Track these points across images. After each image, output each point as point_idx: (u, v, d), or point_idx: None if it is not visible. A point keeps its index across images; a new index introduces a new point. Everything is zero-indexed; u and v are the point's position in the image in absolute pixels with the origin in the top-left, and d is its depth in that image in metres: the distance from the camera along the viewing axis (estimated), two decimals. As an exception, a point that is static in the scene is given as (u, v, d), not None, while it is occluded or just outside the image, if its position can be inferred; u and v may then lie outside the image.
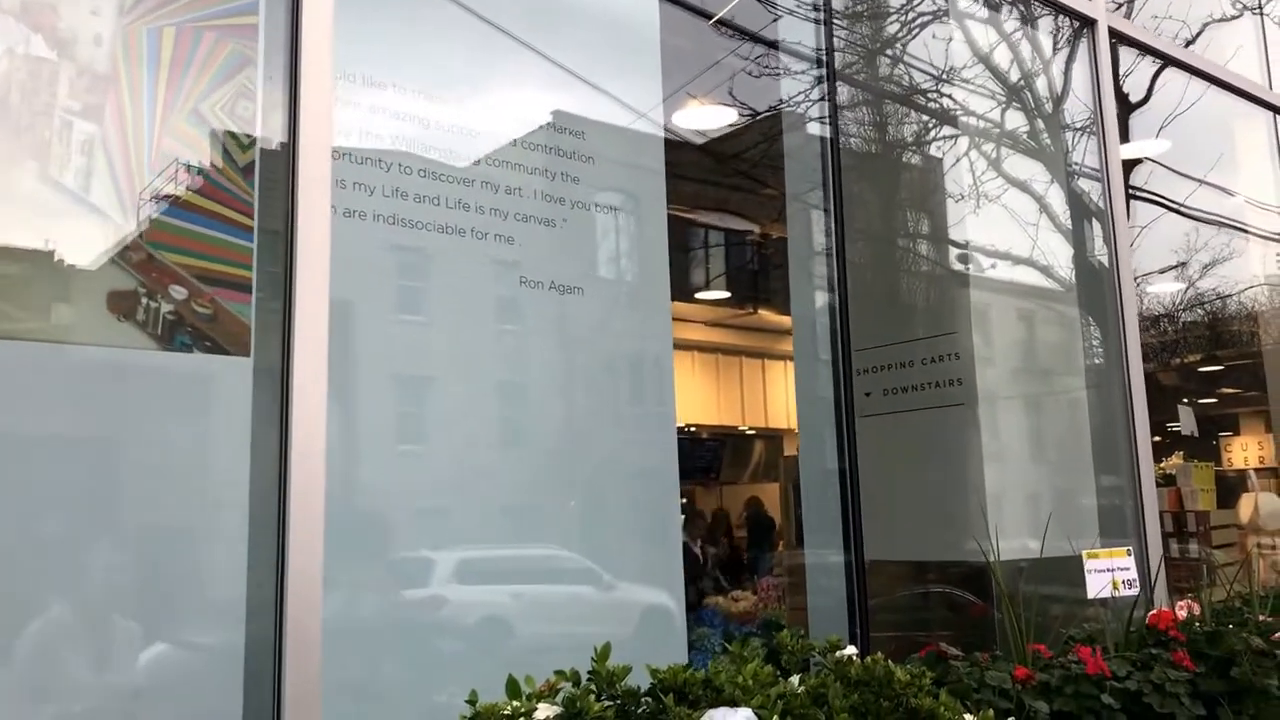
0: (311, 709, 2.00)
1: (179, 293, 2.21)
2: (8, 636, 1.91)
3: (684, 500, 10.06)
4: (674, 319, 3.14)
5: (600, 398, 2.98)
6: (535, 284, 2.84)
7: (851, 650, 2.39)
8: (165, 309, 2.20)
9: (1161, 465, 6.21)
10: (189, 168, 2.26)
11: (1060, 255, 4.58)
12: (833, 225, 3.69)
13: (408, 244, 2.67)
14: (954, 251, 4.45)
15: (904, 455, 4.10)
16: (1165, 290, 6.30)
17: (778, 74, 4.29)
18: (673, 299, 3.09)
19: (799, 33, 4.03)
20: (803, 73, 4.13)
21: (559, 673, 1.94)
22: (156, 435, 2.18)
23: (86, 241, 2.13)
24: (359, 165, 2.60)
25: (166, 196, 2.23)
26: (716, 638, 3.18)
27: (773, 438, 12.41)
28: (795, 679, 2.17)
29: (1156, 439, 4.52)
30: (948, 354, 4.06)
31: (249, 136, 2.36)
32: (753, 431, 12.52)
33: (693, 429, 11.64)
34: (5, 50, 2.07)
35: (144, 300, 2.18)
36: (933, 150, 4.72)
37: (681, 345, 10.60)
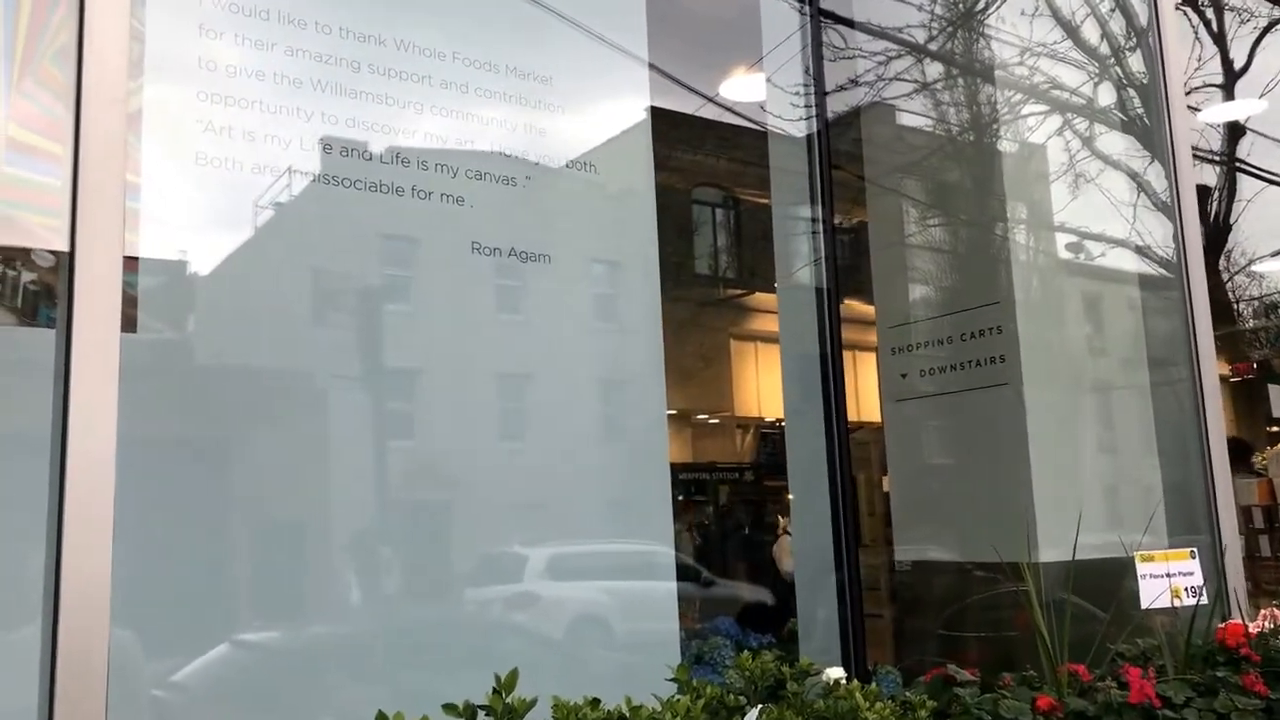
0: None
1: (44, 259, 1.95)
2: None
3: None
4: (757, 311, 2.95)
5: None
6: (632, 288, 2.78)
7: (838, 674, 2.06)
8: (26, 278, 1.94)
9: (1263, 456, 5.78)
10: (54, 113, 1.99)
11: (1124, 233, 4.20)
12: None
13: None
14: (1000, 224, 4.10)
15: (941, 442, 3.73)
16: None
17: (852, 55, 4.07)
18: (756, 290, 2.87)
19: (875, 11, 3.80)
20: (879, 53, 4.01)
21: (448, 707, 1.65)
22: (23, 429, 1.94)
23: (-73, 200, 1.88)
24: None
25: (26, 146, 1.97)
26: (728, 650, 2.85)
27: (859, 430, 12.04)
28: (753, 713, 1.85)
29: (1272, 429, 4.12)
30: (989, 328, 3.67)
31: (136, 82, 2.09)
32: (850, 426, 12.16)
33: (781, 424, 11.32)
34: None
35: (0, 268, 1.93)
36: (993, 123, 4.40)
37: (766, 338, 10.32)
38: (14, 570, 1.91)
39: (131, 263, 2.03)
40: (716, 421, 11.88)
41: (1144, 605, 2.97)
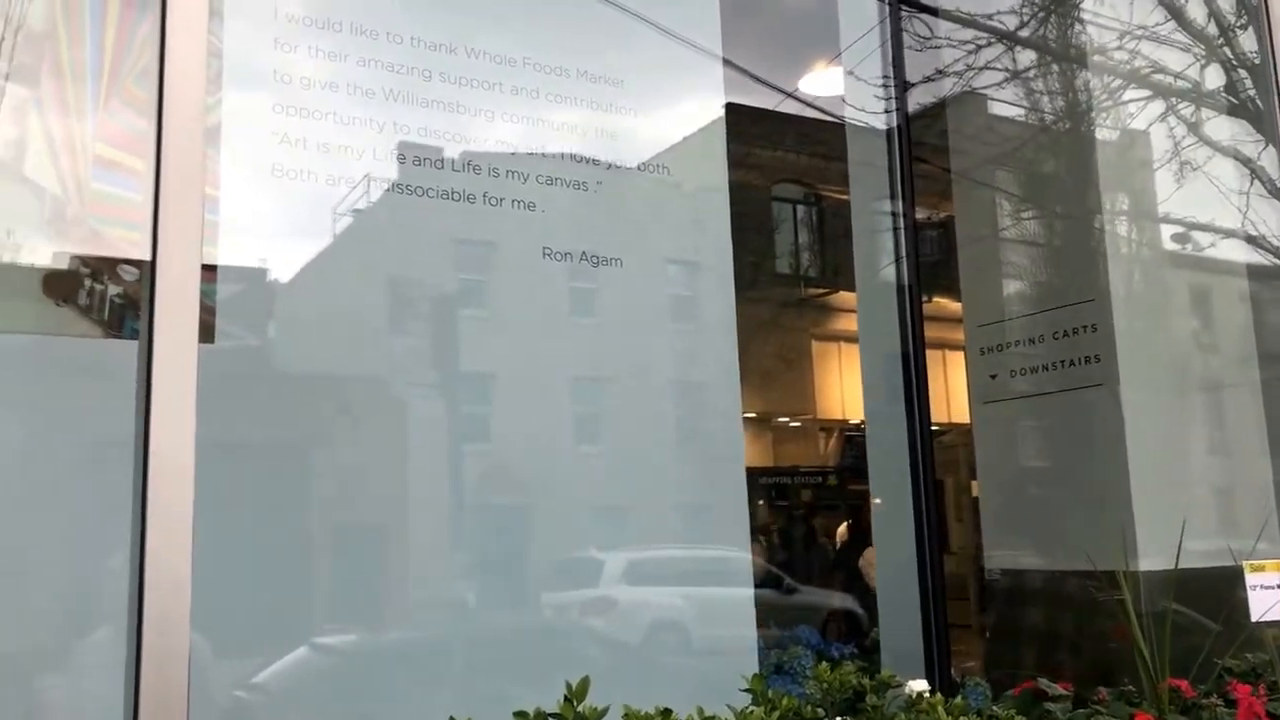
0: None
1: (129, 273, 2.02)
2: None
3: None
4: (840, 310, 2.95)
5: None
6: (707, 289, 2.82)
7: (920, 686, 2.03)
8: (113, 291, 2.01)
9: None
10: (139, 130, 2.06)
11: (1235, 223, 4.07)
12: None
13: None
14: (1098, 216, 4.00)
15: (1033, 445, 3.65)
16: None
17: (938, 45, 4.03)
18: (839, 289, 2.88)
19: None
20: (967, 42, 3.96)
21: (519, 714, 1.67)
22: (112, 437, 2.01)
23: (19, 217, 1.96)
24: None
25: (112, 163, 2.04)
26: (808, 659, 2.83)
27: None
28: (833, 726, 1.83)
29: None
30: (1083, 326, 3.58)
31: (215, 97, 2.15)
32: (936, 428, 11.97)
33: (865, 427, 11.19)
34: (-79, 7, 1.92)
35: (87, 282, 2.00)
36: (1091, 111, 4.30)
37: (849, 338, 10.20)
38: (102, 571, 1.98)
39: (210, 273, 2.09)
40: (798, 424, 11.79)
41: (1255, 618, 2.86)
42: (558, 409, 2.60)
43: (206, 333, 2.08)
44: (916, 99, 4.12)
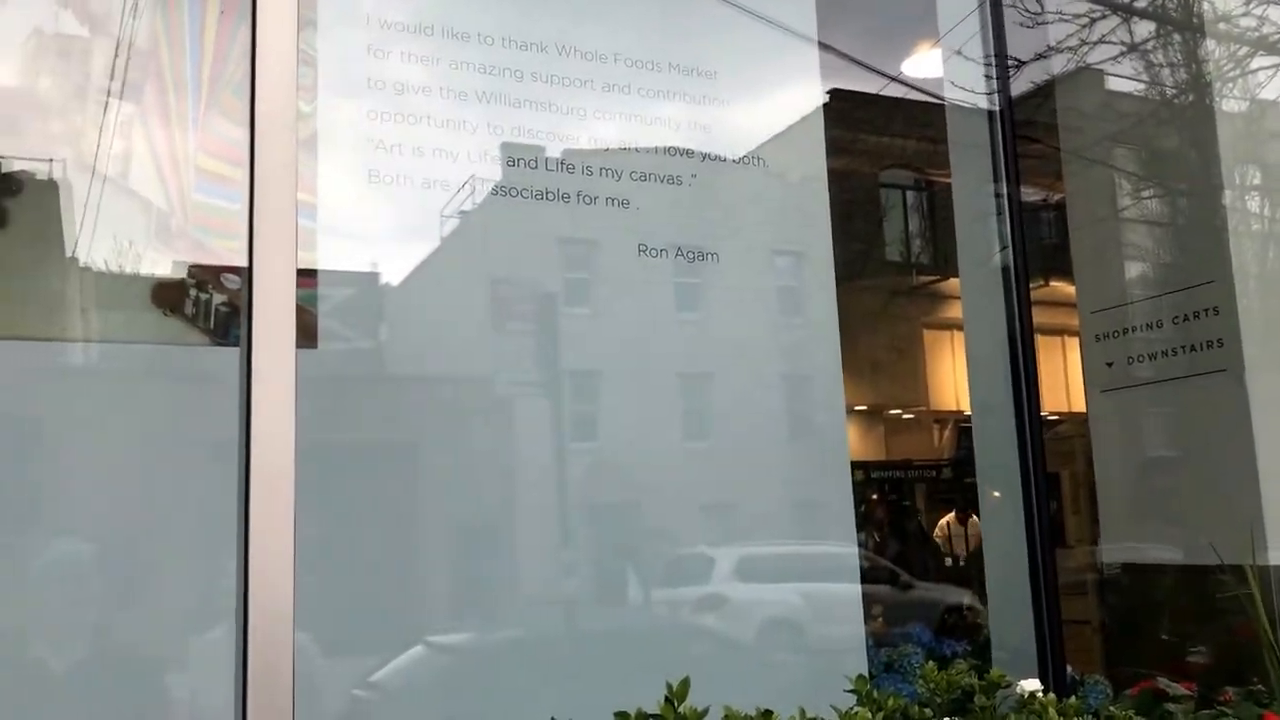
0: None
1: (232, 281, 2.09)
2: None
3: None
4: (952, 298, 2.95)
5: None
6: (806, 280, 2.81)
7: (1033, 686, 1.98)
8: (217, 300, 2.09)
9: None
10: (238, 142, 2.13)
11: None
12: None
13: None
14: (1224, 192, 3.83)
15: (1153, 435, 3.52)
16: None
17: (1050, 20, 3.92)
18: (950, 276, 2.88)
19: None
20: (1080, 15, 3.87)
21: (620, 715, 1.68)
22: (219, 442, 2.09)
23: (127, 230, 2.05)
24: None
25: (213, 175, 2.12)
26: (919, 658, 2.79)
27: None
28: (941, 726, 1.80)
29: None
30: (1205, 309, 3.43)
31: (310, 105, 2.22)
32: (1055, 418, 11.65)
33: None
34: (33, 29, 2.02)
35: (193, 291, 2.08)
36: (1215, 82, 4.12)
37: (962, 326, 9.89)
38: (210, 573, 2.05)
39: (310, 279, 2.16)
40: (911, 416, 11.58)
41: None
42: (662, 405, 2.61)
43: (308, 337, 2.14)
44: (1028, 77, 4.01)
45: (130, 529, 2.05)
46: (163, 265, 2.07)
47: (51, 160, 2.02)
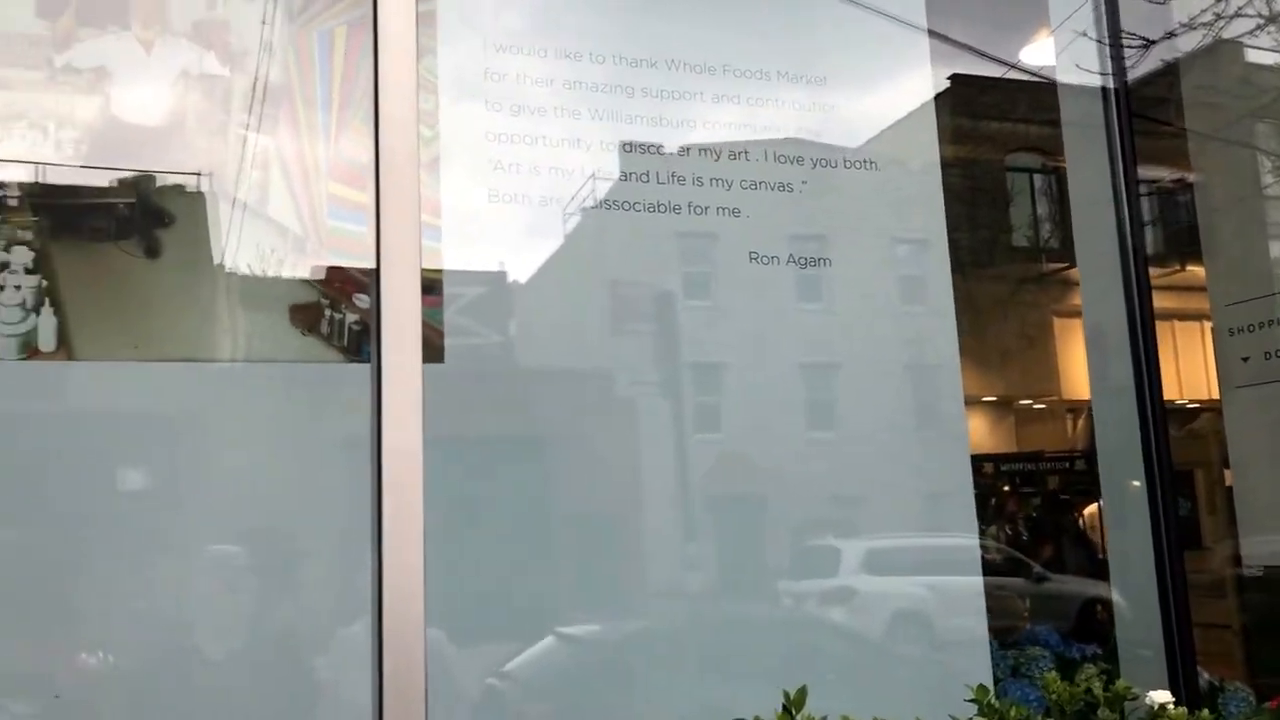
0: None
1: (363, 301, 2.22)
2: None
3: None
4: None
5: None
6: (921, 273, 2.82)
7: (1163, 698, 1.96)
8: (350, 319, 2.22)
9: None
10: (367, 169, 2.26)
11: None
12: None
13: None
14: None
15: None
16: None
17: None
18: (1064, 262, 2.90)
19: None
20: None
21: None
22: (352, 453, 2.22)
23: (266, 255, 2.19)
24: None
25: (345, 201, 2.25)
26: (1046, 662, 2.77)
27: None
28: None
29: None
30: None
31: (431, 130, 2.33)
32: (1196, 405, 11.21)
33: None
34: (180, 72, 2.17)
35: (327, 312, 2.21)
36: None
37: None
38: (349, 573, 2.19)
39: (436, 297, 2.27)
40: (1042, 406, 11.28)
41: None
42: (785, 397, 2.65)
43: (435, 353, 2.26)
44: (1157, 55, 3.88)
45: (275, 532, 2.20)
46: (300, 288, 2.21)
47: (198, 192, 2.17)
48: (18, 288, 2.01)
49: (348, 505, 2.17)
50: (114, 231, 2.11)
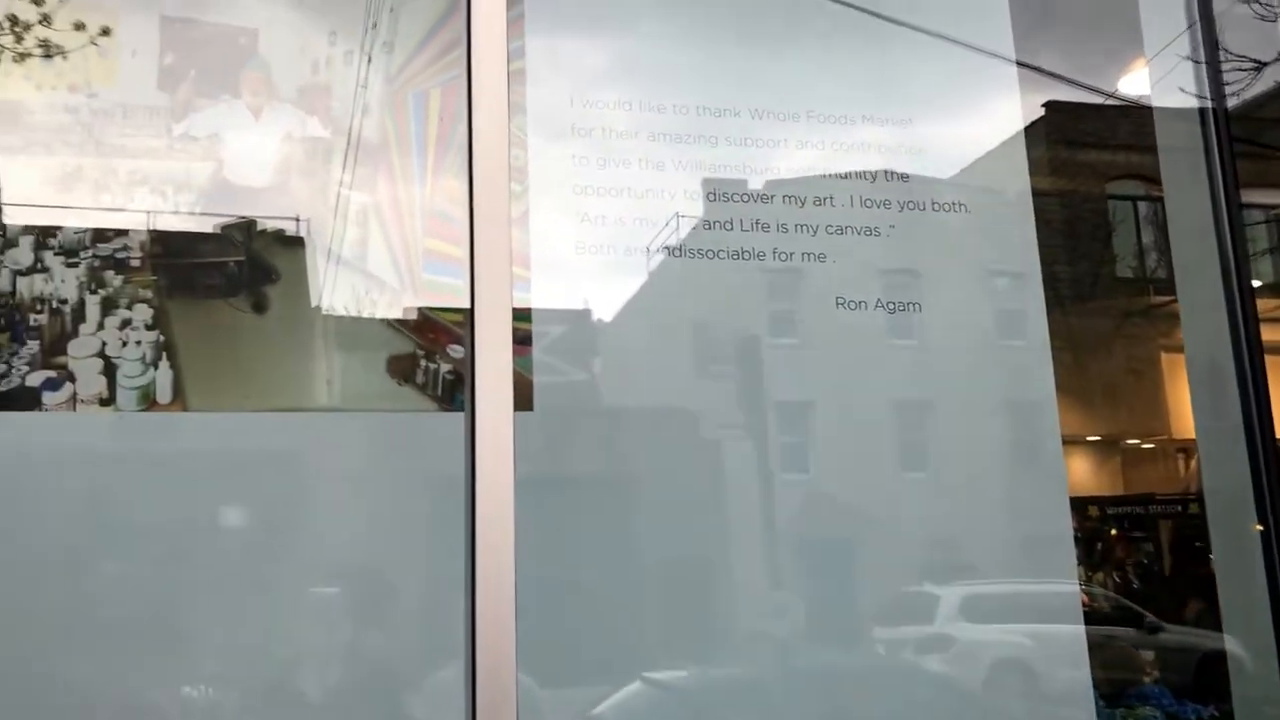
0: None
1: (456, 351, 2.33)
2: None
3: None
4: None
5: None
6: (1014, 310, 2.83)
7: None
8: (444, 369, 2.32)
9: None
10: (460, 224, 2.38)
11: None
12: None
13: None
14: None
15: None
16: None
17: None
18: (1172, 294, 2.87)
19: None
20: None
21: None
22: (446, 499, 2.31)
23: (365, 309, 2.32)
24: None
25: (440, 255, 2.37)
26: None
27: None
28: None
29: None
30: None
31: (521, 185, 2.44)
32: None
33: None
34: (285, 136, 2.32)
35: (423, 362, 2.32)
36: None
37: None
38: (442, 616, 2.27)
39: (523, 348, 2.37)
40: (1151, 446, 10.98)
41: None
42: (876, 436, 2.68)
43: (524, 401, 2.35)
44: (1271, 76, 3.80)
45: (373, 574, 2.30)
46: (396, 339, 2.33)
47: (301, 249, 2.32)
48: (138, 343, 2.17)
49: (440, 548, 2.25)
50: (225, 288, 2.26)
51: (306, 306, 2.31)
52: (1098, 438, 10.46)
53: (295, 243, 2.32)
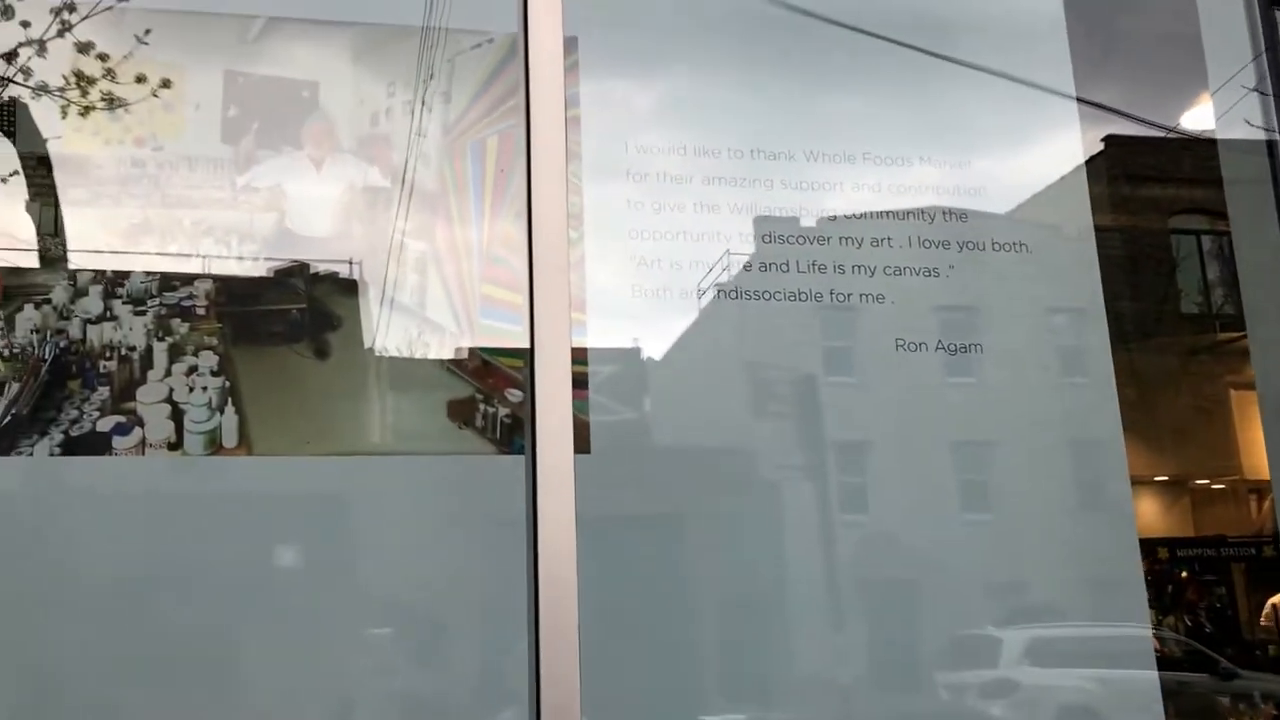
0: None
1: (515, 395, 2.37)
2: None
3: None
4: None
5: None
6: (1077, 350, 2.83)
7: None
8: (502, 413, 2.36)
9: None
10: (517, 270, 2.43)
11: None
12: None
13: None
14: None
15: None
16: None
17: None
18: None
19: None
20: None
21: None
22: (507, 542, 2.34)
23: (424, 354, 2.37)
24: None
25: (497, 301, 2.41)
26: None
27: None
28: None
29: None
30: None
31: (577, 231, 2.48)
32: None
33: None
34: (346, 185, 2.39)
35: (481, 406, 2.36)
36: None
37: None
38: (504, 658, 2.29)
39: (581, 391, 2.40)
40: (1221, 486, 10.74)
41: None
42: (937, 476, 2.66)
43: (582, 444, 2.38)
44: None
45: (434, 616, 2.34)
46: (456, 384, 2.37)
47: (361, 296, 2.37)
48: (205, 389, 2.23)
49: (500, 590, 2.28)
50: (288, 335, 2.32)
51: (367, 352, 2.36)
52: (1166, 478, 10.29)
53: (355, 289, 2.38)
